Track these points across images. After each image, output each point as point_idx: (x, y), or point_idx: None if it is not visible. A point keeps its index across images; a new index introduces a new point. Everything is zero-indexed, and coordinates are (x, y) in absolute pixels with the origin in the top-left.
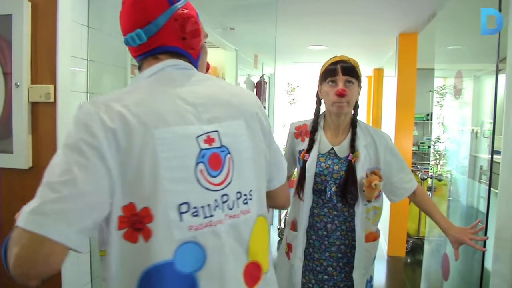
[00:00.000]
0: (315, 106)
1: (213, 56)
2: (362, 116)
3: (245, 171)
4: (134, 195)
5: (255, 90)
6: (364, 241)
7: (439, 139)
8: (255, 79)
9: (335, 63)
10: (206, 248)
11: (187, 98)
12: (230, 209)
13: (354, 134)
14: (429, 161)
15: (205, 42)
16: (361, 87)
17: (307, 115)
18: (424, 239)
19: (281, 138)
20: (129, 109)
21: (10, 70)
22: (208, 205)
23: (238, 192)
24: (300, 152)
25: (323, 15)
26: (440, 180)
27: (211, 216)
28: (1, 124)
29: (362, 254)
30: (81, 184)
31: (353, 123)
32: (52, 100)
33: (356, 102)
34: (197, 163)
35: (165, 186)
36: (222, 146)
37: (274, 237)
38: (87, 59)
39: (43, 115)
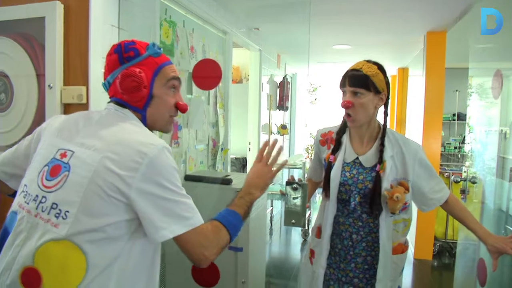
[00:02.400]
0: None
1: (236, 56)
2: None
3: (71, 193)
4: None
5: (278, 90)
6: (391, 253)
7: (463, 139)
8: (278, 79)
9: (347, 72)
10: (16, 220)
11: (85, 126)
12: (43, 211)
13: (381, 145)
14: (456, 162)
15: (172, 88)
16: (383, 94)
17: (329, 115)
18: (451, 242)
19: (301, 138)
20: (56, 121)
21: (43, 72)
22: (30, 195)
23: (54, 203)
24: (325, 159)
25: (350, 14)
26: (474, 182)
27: (27, 203)
28: (34, 125)
29: (387, 266)
30: (14, 148)
31: (382, 132)
32: (84, 101)
33: (386, 110)
34: (45, 165)
35: (29, 169)
36: (67, 163)
37: (297, 238)
38: None
39: None
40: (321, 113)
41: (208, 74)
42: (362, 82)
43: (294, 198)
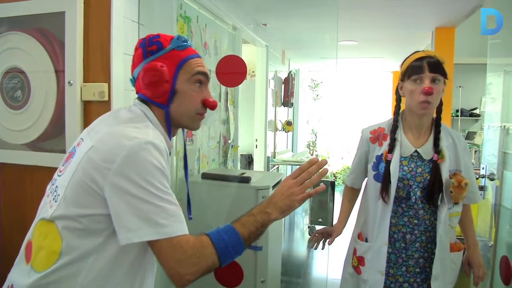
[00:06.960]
0: (394, 104)
1: (243, 52)
2: (389, 115)
3: (65, 178)
4: None
5: (283, 86)
6: (449, 250)
7: (467, 135)
8: (283, 75)
9: (421, 59)
10: None
11: (104, 119)
12: (51, 193)
13: (437, 133)
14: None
15: (198, 83)
16: (446, 84)
17: (332, 112)
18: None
19: (304, 135)
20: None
21: (63, 68)
22: (53, 179)
23: (57, 186)
24: (377, 157)
25: (359, 9)
26: (492, 179)
27: (50, 185)
28: (53, 122)
29: (445, 264)
30: None
31: (437, 122)
32: (106, 98)
33: (440, 100)
34: (69, 153)
35: None
36: (74, 147)
37: (299, 235)
38: None
39: (96, 114)
40: (323, 109)
41: (232, 71)
42: (440, 68)
43: (320, 196)
